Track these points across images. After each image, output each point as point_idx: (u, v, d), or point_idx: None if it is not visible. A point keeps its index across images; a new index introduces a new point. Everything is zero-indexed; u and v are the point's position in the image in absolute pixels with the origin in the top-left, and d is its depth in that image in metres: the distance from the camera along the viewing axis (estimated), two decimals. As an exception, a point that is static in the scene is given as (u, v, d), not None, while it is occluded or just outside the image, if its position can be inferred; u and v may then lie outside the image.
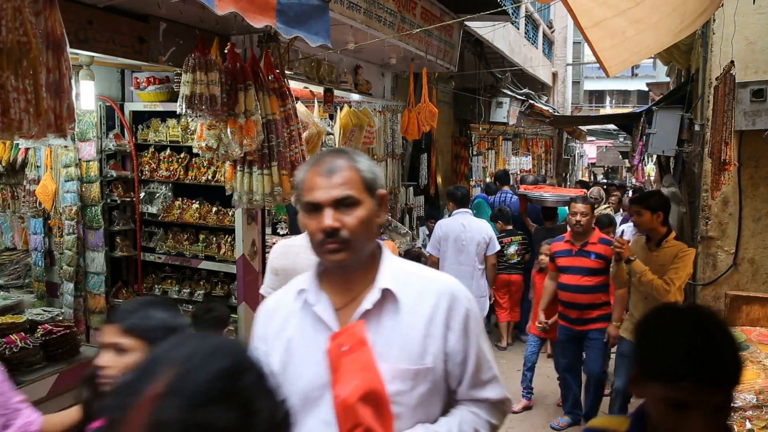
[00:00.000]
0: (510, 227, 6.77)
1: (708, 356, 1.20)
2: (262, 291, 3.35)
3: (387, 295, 1.48)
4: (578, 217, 4.50)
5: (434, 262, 5.42)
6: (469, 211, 5.55)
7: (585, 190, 8.70)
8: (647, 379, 1.28)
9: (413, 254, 5.76)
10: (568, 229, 5.74)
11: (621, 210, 8.63)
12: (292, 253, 3.16)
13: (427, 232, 7.45)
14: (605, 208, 8.46)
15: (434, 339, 1.47)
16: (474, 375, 1.52)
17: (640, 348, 1.33)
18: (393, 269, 1.53)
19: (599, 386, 4.58)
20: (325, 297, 1.52)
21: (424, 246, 6.76)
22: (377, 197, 1.53)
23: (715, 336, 1.24)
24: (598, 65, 3.36)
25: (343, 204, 1.45)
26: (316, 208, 1.46)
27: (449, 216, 5.67)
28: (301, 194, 1.51)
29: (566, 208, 7.42)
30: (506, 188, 8.09)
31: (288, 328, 1.54)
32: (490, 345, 1.60)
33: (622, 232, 6.47)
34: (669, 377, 1.22)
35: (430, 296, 1.50)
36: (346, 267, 1.50)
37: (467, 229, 5.31)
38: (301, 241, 3.16)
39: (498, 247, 5.49)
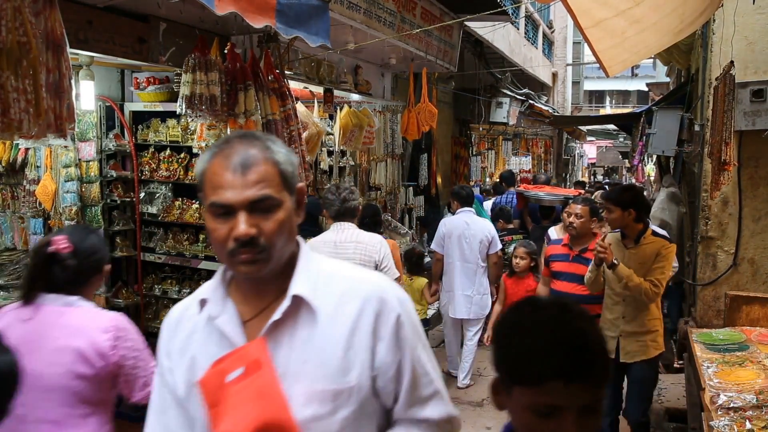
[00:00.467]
0: (511, 226, 6.81)
1: (574, 350, 1.09)
2: None
3: (301, 302, 1.27)
4: (572, 219, 4.21)
5: (438, 260, 5.47)
6: (473, 210, 5.59)
7: (582, 190, 8.71)
8: (510, 385, 1.14)
9: (416, 254, 5.79)
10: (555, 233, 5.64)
11: None
12: (314, 248, 3.29)
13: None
14: None
15: (359, 352, 1.25)
16: (411, 391, 1.30)
17: (499, 350, 1.17)
18: (311, 271, 1.31)
19: None
20: (232, 307, 1.31)
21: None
22: (296, 193, 1.31)
23: (579, 329, 1.12)
24: (598, 65, 3.36)
25: (259, 206, 1.22)
26: (226, 211, 1.22)
27: (453, 214, 5.71)
28: (204, 191, 1.26)
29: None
30: (512, 189, 8.20)
31: (192, 344, 1.33)
32: (432, 355, 1.37)
33: None
34: (534, 378, 1.09)
35: (354, 300, 1.28)
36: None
37: (470, 227, 5.37)
38: (323, 236, 3.75)
39: (500, 246, 5.51)
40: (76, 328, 2.00)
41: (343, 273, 1.35)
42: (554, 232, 5.85)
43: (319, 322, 1.26)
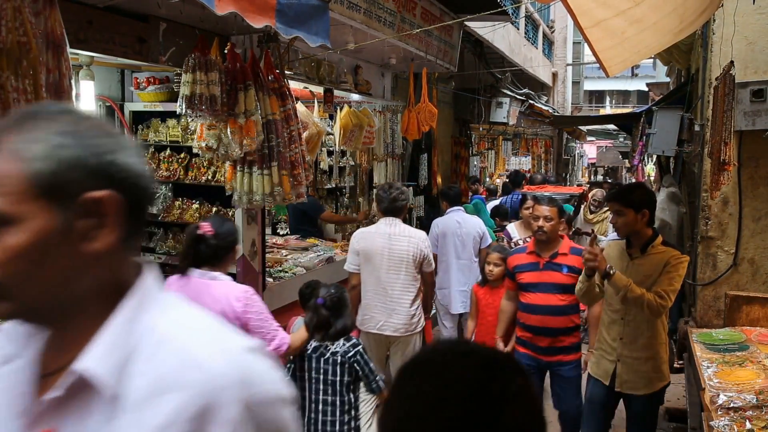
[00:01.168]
0: (506, 223, 6.93)
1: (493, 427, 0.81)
2: (346, 267, 4.22)
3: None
4: (541, 222, 3.71)
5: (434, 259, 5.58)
6: (462, 208, 5.73)
7: (584, 187, 8.74)
8: None
9: None
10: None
11: None
12: (369, 237, 4.11)
13: None
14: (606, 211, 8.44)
15: None
16: None
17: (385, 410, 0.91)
18: (132, 330, 0.87)
19: (576, 426, 3.81)
20: (32, 351, 0.91)
21: None
22: (85, 206, 0.83)
23: (505, 392, 0.83)
24: (598, 65, 3.36)
25: None
26: None
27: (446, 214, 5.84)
28: None
29: (569, 205, 7.73)
30: (518, 190, 8.56)
31: None
32: None
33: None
34: None
35: (174, 394, 0.83)
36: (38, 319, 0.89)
37: (462, 225, 5.52)
38: (376, 227, 4.20)
39: (490, 240, 5.64)
40: (218, 296, 2.67)
41: (180, 342, 0.87)
42: (514, 229, 5.74)
43: (122, 413, 0.83)
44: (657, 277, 3.15)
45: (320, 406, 3.02)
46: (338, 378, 3.01)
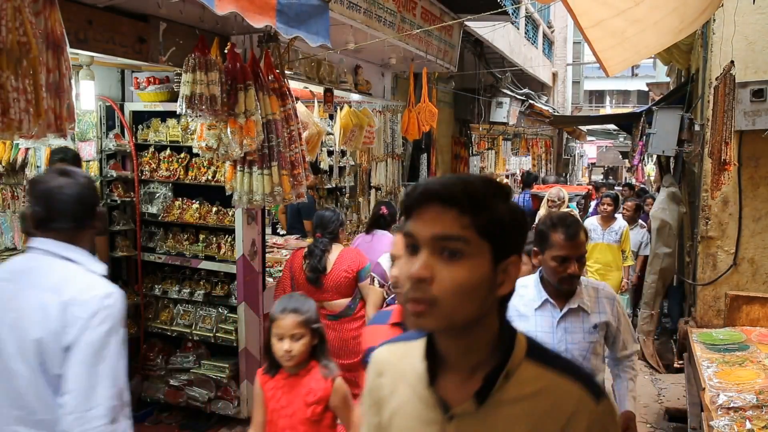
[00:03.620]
0: None
1: None
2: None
3: None
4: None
5: None
6: None
7: (589, 187, 8.75)
8: None
9: None
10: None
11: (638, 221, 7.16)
12: None
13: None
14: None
15: None
16: None
17: None
18: None
19: None
20: None
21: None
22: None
23: None
24: (598, 65, 3.36)
25: None
26: None
27: None
28: None
29: (573, 204, 7.96)
30: (527, 189, 9.25)
31: None
32: None
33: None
34: None
35: None
36: None
37: None
38: None
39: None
40: (387, 242, 4.19)
41: None
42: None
43: None
44: None
45: None
46: None
